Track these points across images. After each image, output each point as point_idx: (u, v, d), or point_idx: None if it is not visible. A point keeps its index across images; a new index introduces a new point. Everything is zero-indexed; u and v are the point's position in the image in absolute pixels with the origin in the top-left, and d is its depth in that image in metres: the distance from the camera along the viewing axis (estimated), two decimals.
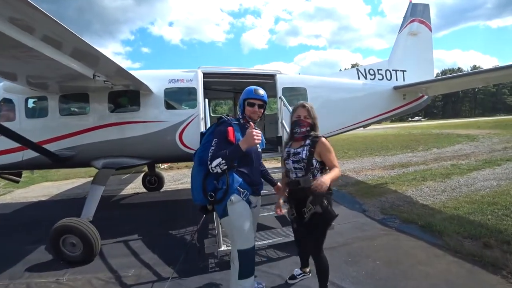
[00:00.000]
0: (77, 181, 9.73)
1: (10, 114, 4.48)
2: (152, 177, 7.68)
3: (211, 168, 2.14)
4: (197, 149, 2.43)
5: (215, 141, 2.21)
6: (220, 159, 2.11)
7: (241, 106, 2.43)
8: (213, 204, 2.31)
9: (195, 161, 2.36)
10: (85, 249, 3.55)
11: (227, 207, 2.21)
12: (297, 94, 5.63)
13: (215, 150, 2.17)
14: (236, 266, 2.24)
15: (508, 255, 3.16)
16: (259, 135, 2.16)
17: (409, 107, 6.72)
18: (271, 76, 5.32)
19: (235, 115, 2.48)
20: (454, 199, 5.34)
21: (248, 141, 2.15)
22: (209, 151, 2.18)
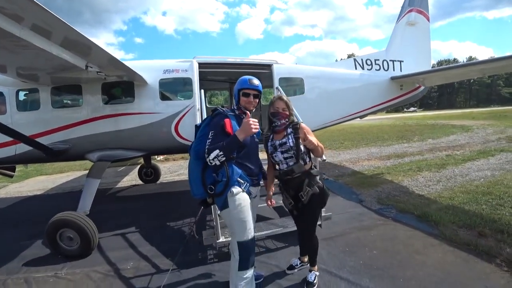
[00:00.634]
0: (72, 175, 9.64)
1: (0, 107, 4.37)
2: (148, 169, 7.63)
3: (209, 161, 2.11)
4: (192, 142, 2.38)
5: (211, 133, 2.18)
6: (218, 151, 2.07)
7: (236, 96, 2.38)
8: (213, 197, 2.29)
9: (192, 155, 2.32)
10: (82, 242, 3.53)
11: (228, 199, 2.19)
12: (294, 84, 5.58)
13: (211, 142, 2.14)
14: (236, 257, 2.24)
15: (502, 244, 3.22)
16: (257, 123, 2.13)
17: (406, 98, 6.72)
18: (267, 66, 5.25)
19: (231, 106, 2.43)
20: (449, 189, 5.40)
21: (245, 130, 2.12)
22: (206, 144, 2.15)
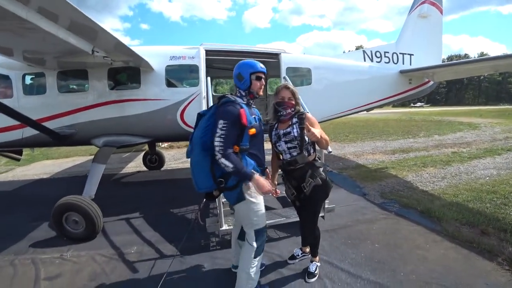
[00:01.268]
0: (78, 159, 9.74)
1: (7, 91, 4.38)
2: (152, 156, 7.68)
3: (217, 158, 2.03)
4: (195, 132, 2.23)
5: (224, 124, 2.03)
6: (232, 165, 2.00)
7: (248, 81, 2.21)
8: (223, 190, 2.24)
9: (197, 146, 2.16)
10: (87, 226, 3.59)
11: (243, 192, 2.17)
12: (301, 74, 5.50)
13: (226, 136, 2.02)
14: (254, 245, 2.26)
15: (504, 242, 3.21)
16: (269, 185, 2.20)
17: (414, 92, 6.60)
18: (275, 55, 5.17)
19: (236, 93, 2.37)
20: (453, 186, 5.36)
21: (261, 188, 2.14)
22: (217, 134, 2.03)
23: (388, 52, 6.38)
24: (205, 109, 2.58)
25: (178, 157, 9.44)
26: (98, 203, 3.74)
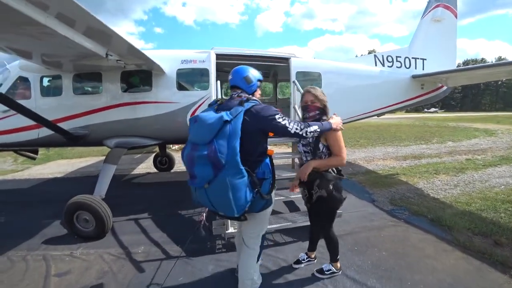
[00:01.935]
0: (91, 160, 10.00)
1: (26, 92, 4.56)
2: (163, 158, 7.80)
3: (306, 132, 2.05)
4: (212, 153, 1.75)
5: (281, 115, 2.01)
6: (316, 127, 2.11)
7: (255, 85, 2.20)
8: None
9: (235, 163, 1.76)
10: (97, 225, 3.68)
11: (271, 197, 2.13)
12: (311, 79, 5.49)
13: (290, 120, 2.04)
14: (257, 250, 2.29)
15: None
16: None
17: (427, 98, 6.48)
18: (285, 59, 5.19)
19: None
20: (466, 194, 5.21)
21: (337, 125, 2.30)
22: (285, 124, 1.98)
23: (400, 56, 6.30)
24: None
25: None
26: (108, 203, 3.83)
